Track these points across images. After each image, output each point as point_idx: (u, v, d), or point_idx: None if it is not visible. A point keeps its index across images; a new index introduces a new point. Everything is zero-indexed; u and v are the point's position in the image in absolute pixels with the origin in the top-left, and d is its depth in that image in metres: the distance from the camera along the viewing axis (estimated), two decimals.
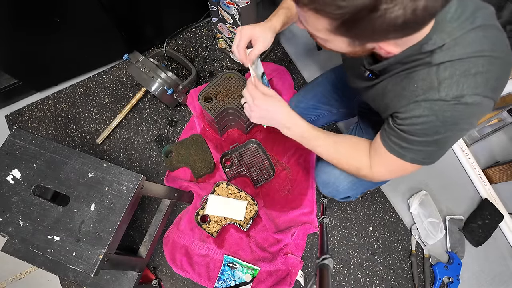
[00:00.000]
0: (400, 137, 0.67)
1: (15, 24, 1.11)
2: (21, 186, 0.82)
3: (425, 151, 0.66)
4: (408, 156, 0.68)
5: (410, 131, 0.64)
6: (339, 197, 1.02)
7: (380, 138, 0.73)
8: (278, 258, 1.21)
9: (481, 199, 1.42)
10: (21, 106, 1.46)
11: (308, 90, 1.22)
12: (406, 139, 0.66)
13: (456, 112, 0.57)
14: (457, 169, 1.46)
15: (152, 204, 1.34)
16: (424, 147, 0.65)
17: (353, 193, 1.00)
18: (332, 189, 1.01)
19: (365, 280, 1.29)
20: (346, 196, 1.01)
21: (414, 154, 0.67)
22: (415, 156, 0.67)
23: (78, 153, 0.85)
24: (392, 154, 0.70)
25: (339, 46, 0.57)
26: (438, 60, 0.57)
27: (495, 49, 0.56)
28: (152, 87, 1.30)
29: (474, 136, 1.47)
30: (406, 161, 0.69)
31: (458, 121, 0.59)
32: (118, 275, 1.10)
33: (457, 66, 0.55)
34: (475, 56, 0.55)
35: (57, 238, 0.78)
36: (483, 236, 1.34)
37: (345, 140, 0.84)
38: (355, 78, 0.83)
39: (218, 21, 1.35)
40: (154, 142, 1.43)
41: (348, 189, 0.98)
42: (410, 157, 0.68)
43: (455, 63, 0.56)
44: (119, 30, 1.33)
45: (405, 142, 0.66)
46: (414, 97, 0.61)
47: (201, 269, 1.22)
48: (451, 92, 0.56)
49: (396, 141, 0.68)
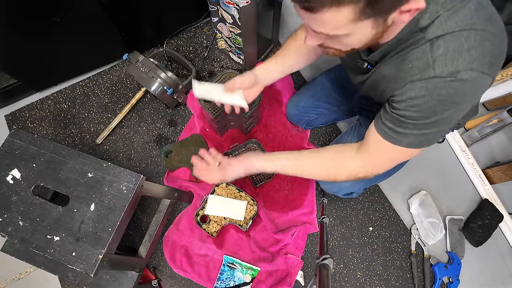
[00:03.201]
0: (396, 122, 0.65)
1: (15, 24, 1.11)
2: (20, 186, 0.82)
3: (421, 134, 0.65)
4: (403, 141, 0.66)
5: (406, 115, 0.62)
6: (341, 194, 1.02)
7: (375, 126, 0.71)
8: (278, 258, 1.21)
9: (481, 199, 1.42)
10: (21, 106, 1.46)
11: (307, 89, 1.22)
12: (402, 124, 0.64)
13: (452, 89, 0.56)
14: (457, 169, 1.46)
15: (152, 204, 1.34)
16: (421, 130, 0.64)
17: (356, 188, 0.99)
18: (334, 185, 1.01)
19: (365, 280, 1.29)
20: (349, 192, 1.01)
21: (410, 139, 0.66)
22: (411, 140, 0.66)
23: (77, 153, 0.85)
24: (386, 141, 0.68)
25: (364, 34, 0.55)
26: (431, 34, 0.56)
27: (488, 24, 0.54)
28: (152, 87, 1.29)
29: (474, 136, 1.47)
30: (401, 146, 0.67)
31: (454, 100, 0.57)
32: (117, 275, 1.10)
33: (450, 41, 0.54)
34: (466, 29, 0.53)
35: (56, 238, 0.78)
36: (483, 236, 1.34)
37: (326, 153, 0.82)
38: (355, 74, 0.83)
39: (218, 21, 1.35)
40: (154, 142, 1.43)
41: (350, 185, 0.98)
42: (406, 142, 0.66)
43: (447, 37, 0.54)
44: (119, 30, 1.33)
45: (400, 127, 0.65)
46: (409, 77, 0.60)
47: (201, 269, 1.22)
48: (446, 68, 0.55)
49: (391, 126, 0.66)
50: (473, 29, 0.53)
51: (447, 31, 0.54)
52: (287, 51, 0.94)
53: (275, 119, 1.43)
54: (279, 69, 0.95)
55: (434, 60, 0.55)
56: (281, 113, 1.43)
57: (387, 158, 0.73)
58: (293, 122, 1.38)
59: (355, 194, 1.03)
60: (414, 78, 0.59)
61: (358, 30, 0.53)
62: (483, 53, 0.54)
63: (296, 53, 0.93)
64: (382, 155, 0.73)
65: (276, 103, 1.46)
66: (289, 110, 1.34)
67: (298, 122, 1.34)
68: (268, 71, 0.94)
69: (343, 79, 1.14)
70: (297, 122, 1.36)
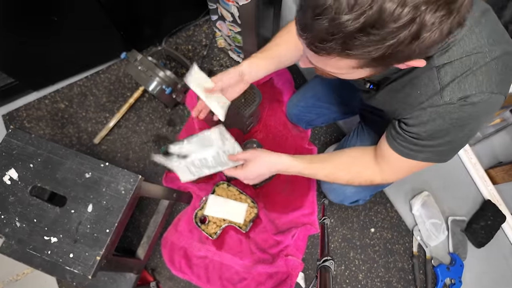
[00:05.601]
0: (410, 142, 0.65)
1: (12, 23, 1.10)
2: (18, 187, 0.81)
3: (437, 151, 0.65)
4: (420, 156, 0.67)
5: (419, 137, 0.63)
6: (348, 202, 1.01)
7: (388, 142, 0.71)
8: (278, 260, 1.20)
9: (483, 200, 1.41)
10: (18, 106, 1.44)
11: (308, 88, 1.21)
12: (417, 144, 0.65)
13: (463, 113, 0.56)
14: (460, 169, 1.45)
15: (150, 205, 1.33)
16: (436, 148, 0.64)
17: (362, 195, 0.99)
18: (339, 194, 1.00)
19: (366, 282, 1.28)
20: (355, 200, 1.00)
21: (426, 154, 0.66)
22: (427, 156, 0.66)
23: (75, 153, 0.84)
24: (402, 157, 0.69)
25: (360, 75, 0.54)
26: (437, 62, 0.55)
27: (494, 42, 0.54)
28: (150, 86, 1.28)
29: (476, 136, 1.46)
30: (418, 161, 0.68)
31: (466, 121, 0.57)
32: (115, 277, 1.09)
33: (457, 67, 0.54)
34: (473, 53, 0.53)
35: (54, 239, 0.78)
36: (486, 237, 1.32)
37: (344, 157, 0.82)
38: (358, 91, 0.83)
39: (218, 19, 1.33)
40: (153, 142, 1.42)
41: (355, 192, 0.97)
42: (422, 157, 0.67)
43: (454, 64, 0.54)
44: (117, 28, 1.32)
45: (415, 146, 0.65)
46: (418, 103, 0.60)
47: (200, 271, 1.21)
48: (455, 95, 0.55)
49: (405, 145, 0.67)
50: (479, 52, 0.53)
51: (454, 58, 0.54)
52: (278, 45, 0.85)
53: (275, 119, 1.42)
54: (268, 65, 0.85)
55: (443, 88, 0.56)
56: (282, 112, 1.42)
57: (401, 171, 0.75)
58: (294, 122, 1.37)
59: (361, 201, 1.03)
60: (423, 105, 0.59)
61: (357, 73, 0.52)
62: (490, 73, 0.54)
63: (288, 46, 0.84)
64: (397, 168, 0.74)
65: (276, 102, 1.45)
66: (290, 109, 1.33)
67: (299, 121, 1.33)
68: (255, 67, 0.84)
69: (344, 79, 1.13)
70: (297, 122, 1.34)
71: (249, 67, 0.84)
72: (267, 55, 0.85)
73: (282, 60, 0.86)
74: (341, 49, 0.43)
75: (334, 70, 0.52)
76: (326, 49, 0.44)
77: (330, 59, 0.46)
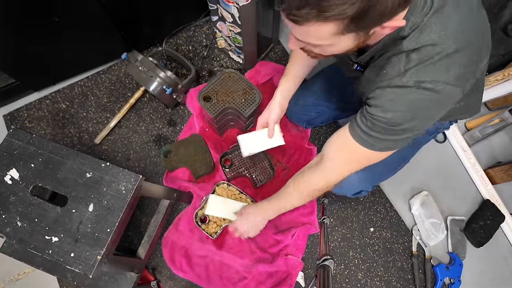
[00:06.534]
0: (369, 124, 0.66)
1: (13, 23, 1.10)
2: (19, 186, 0.82)
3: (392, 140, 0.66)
4: (377, 145, 0.68)
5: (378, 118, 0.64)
6: (350, 193, 1.01)
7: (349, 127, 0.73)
8: (278, 259, 1.20)
9: (482, 199, 1.41)
10: (19, 106, 1.44)
11: (307, 87, 1.21)
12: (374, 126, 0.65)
13: (418, 95, 0.58)
14: (459, 169, 1.46)
15: (151, 204, 1.33)
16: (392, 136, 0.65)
17: (364, 186, 0.98)
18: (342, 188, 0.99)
19: (365, 282, 1.28)
20: (358, 191, 1.00)
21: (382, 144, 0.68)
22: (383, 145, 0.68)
23: (76, 153, 0.85)
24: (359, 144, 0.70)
25: (345, 45, 0.57)
26: (406, 47, 0.58)
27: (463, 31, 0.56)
28: (151, 87, 1.29)
29: (475, 136, 1.47)
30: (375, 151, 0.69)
31: (421, 106, 0.60)
32: (116, 276, 1.10)
33: (422, 55, 0.57)
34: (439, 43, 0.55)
35: (55, 239, 0.78)
36: (485, 237, 1.33)
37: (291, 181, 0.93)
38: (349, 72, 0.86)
39: (218, 20, 1.34)
40: (153, 142, 1.42)
41: (358, 184, 0.97)
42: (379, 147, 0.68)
43: (420, 51, 0.57)
44: (118, 29, 1.32)
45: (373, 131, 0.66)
46: (380, 82, 0.63)
47: (201, 271, 1.21)
48: (412, 78, 0.57)
49: (365, 129, 0.68)
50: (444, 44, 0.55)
51: (421, 44, 0.57)
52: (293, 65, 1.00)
53: None
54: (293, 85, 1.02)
55: (406, 70, 0.58)
56: None
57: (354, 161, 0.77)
58: (293, 121, 1.37)
59: (364, 192, 1.02)
60: (383, 84, 0.62)
61: (340, 42, 0.55)
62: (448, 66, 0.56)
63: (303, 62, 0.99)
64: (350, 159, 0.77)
65: None
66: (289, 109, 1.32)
67: (298, 121, 1.33)
68: (286, 92, 1.02)
69: (343, 76, 1.14)
70: (297, 121, 1.34)
71: (283, 94, 1.01)
72: (291, 78, 1.01)
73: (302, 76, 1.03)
74: (317, 13, 0.46)
75: (318, 41, 0.55)
76: (303, 16, 0.48)
77: (310, 27, 0.50)
